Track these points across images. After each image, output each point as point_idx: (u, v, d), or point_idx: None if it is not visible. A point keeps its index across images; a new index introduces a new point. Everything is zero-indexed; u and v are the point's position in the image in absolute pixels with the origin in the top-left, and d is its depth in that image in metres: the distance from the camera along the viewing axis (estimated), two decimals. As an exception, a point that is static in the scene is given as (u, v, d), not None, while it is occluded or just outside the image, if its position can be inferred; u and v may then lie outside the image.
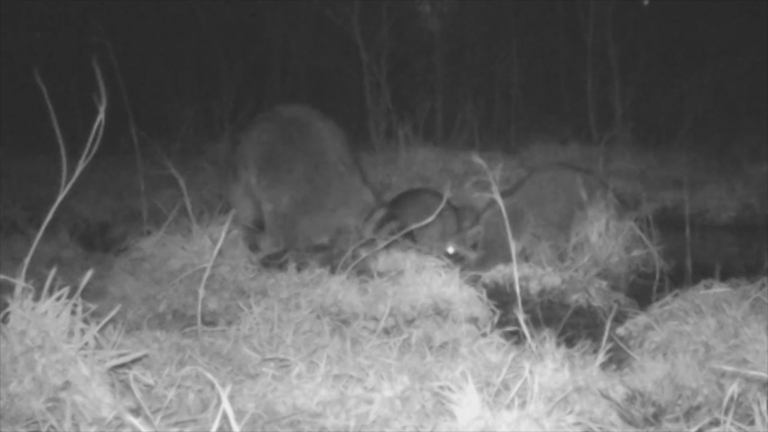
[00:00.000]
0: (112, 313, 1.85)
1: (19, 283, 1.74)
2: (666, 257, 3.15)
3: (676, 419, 1.76)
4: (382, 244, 3.08)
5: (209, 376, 1.57)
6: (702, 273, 2.54)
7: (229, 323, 2.26)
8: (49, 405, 1.57)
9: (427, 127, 7.46)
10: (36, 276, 1.82)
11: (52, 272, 1.78)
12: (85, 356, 1.67)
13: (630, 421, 1.72)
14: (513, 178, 5.43)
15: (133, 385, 1.62)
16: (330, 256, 3.39)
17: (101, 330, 1.79)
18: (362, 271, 2.87)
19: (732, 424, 1.53)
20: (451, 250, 3.32)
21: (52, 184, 2.05)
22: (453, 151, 6.41)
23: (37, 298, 1.74)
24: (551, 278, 3.02)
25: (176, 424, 1.60)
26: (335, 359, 1.89)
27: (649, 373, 1.97)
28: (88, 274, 1.87)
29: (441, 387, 1.63)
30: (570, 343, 2.09)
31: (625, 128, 7.66)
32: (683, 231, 3.01)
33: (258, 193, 3.60)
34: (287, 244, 3.54)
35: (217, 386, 1.45)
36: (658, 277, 2.72)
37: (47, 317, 1.71)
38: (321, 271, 2.84)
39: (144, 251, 2.96)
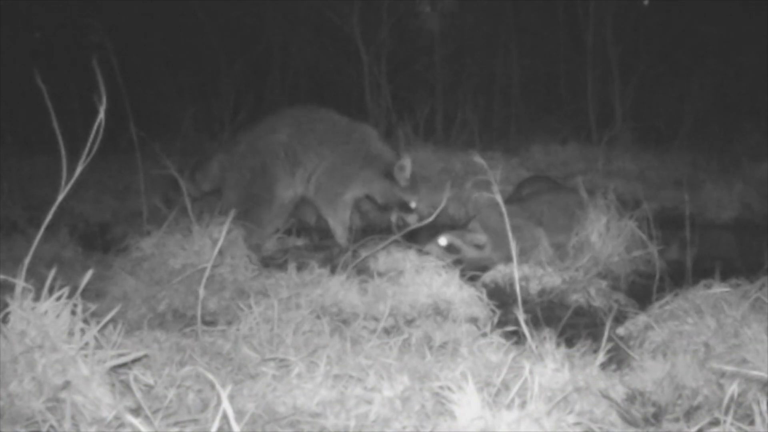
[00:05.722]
0: (112, 313, 1.85)
1: (19, 283, 1.73)
2: (666, 257, 3.14)
3: (676, 419, 1.76)
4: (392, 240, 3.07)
5: (209, 376, 1.57)
6: (702, 273, 2.54)
7: (229, 323, 2.26)
8: (49, 405, 1.57)
9: (427, 127, 7.46)
10: (36, 276, 1.82)
11: (52, 272, 1.78)
12: (85, 356, 1.67)
13: (630, 421, 1.71)
14: (513, 178, 5.43)
15: (133, 385, 1.62)
16: (330, 256, 3.40)
17: (101, 330, 1.78)
18: (362, 271, 2.86)
19: (732, 424, 1.53)
20: (443, 242, 3.31)
21: (52, 184, 2.04)
22: (453, 151, 6.40)
23: (37, 298, 1.74)
24: (551, 278, 3.02)
25: (176, 424, 1.60)
26: (335, 359, 1.89)
27: (649, 373, 1.96)
28: (88, 274, 1.86)
29: (441, 387, 1.62)
30: (570, 343, 2.08)
31: (625, 128, 7.66)
32: (683, 231, 3.01)
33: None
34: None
35: (217, 386, 1.45)
36: (658, 277, 2.72)
37: (47, 317, 1.71)
38: (321, 271, 2.83)
39: (144, 251, 2.96)
